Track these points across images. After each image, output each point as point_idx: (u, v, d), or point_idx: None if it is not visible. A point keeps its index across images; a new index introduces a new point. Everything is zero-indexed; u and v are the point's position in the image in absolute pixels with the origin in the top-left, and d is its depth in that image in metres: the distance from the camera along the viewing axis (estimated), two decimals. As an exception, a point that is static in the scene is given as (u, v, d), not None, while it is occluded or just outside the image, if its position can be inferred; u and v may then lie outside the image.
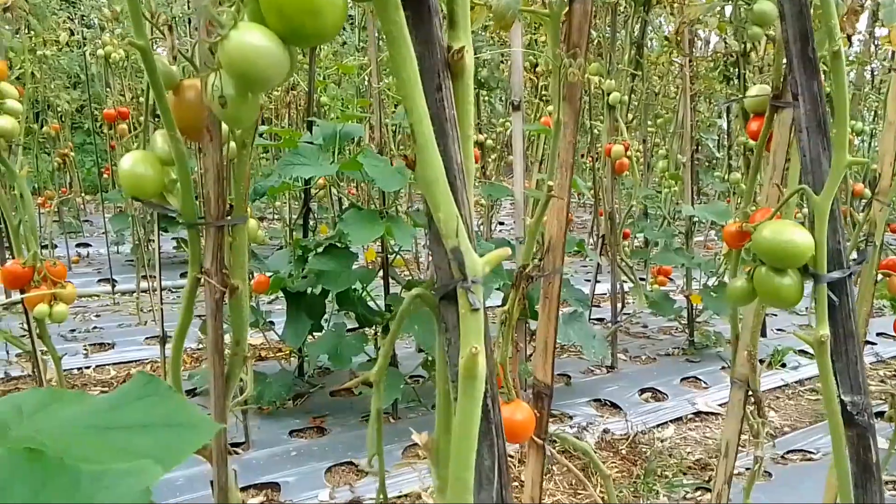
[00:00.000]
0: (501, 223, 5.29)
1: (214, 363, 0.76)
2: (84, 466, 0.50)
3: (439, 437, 0.51)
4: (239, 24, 0.40)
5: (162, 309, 2.00)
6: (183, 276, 3.75)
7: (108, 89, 2.95)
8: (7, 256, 1.68)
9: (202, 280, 0.75)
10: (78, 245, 4.38)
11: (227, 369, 0.77)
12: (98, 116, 3.76)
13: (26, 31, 2.63)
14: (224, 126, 0.71)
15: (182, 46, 0.69)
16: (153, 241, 2.54)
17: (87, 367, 2.49)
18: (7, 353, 2.38)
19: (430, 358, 2.15)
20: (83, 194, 5.50)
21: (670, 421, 2.10)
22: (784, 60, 0.68)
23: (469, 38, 0.48)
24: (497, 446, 0.48)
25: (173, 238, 4.27)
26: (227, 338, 0.76)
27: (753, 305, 0.90)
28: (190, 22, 1.80)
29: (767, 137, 0.85)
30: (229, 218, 0.72)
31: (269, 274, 2.05)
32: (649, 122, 3.59)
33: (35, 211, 1.79)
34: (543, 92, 2.71)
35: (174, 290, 3.48)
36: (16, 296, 1.40)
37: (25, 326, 1.49)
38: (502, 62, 2.21)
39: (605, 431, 2.01)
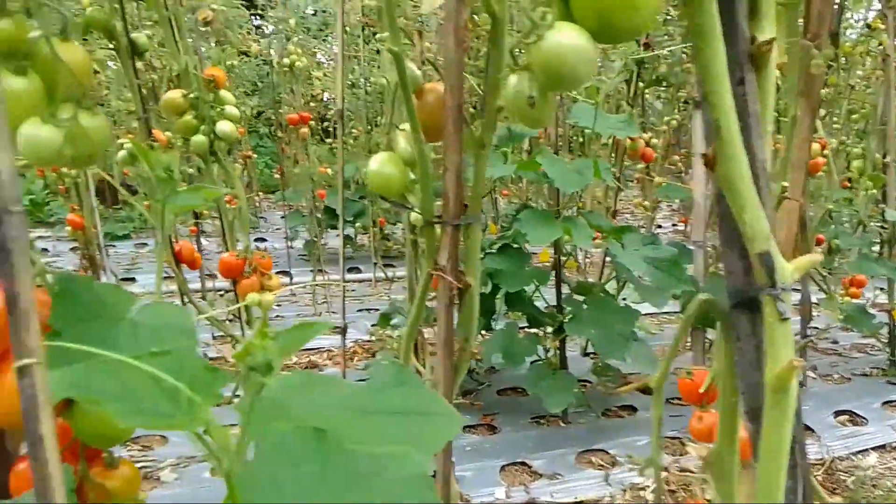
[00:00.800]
0: (659, 226, 5.07)
1: (443, 357, 0.78)
2: (359, 448, 0.53)
3: (722, 451, 0.48)
4: (555, 24, 0.39)
5: (344, 301, 2.11)
6: (350, 270, 3.97)
7: (289, 95, 3.18)
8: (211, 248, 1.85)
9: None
10: (256, 240, 4.76)
11: (455, 364, 0.78)
12: (274, 121, 4.08)
13: (219, 43, 2.90)
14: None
15: (422, 52, 0.72)
16: (334, 236, 2.69)
17: (272, 353, 2.68)
18: (212, 336, 2.62)
19: (599, 363, 2.10)
20: (259, 193, 5.97)
21: (872, 448, 1.90)
22: None
23: (774, 29, 0.44)
24: (800, 466, 0.44)
25: (336, 235, 4.53)
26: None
27: None
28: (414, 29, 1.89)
29: None
30: (465, 216, 0.73)
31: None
32: (835, 119, 3.28)
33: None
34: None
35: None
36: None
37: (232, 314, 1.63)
38: (684, 54, 2.11)
39: (795, 454, 1.85)
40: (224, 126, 1.46)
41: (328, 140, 4.18)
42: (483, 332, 2.11)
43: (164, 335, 0.58)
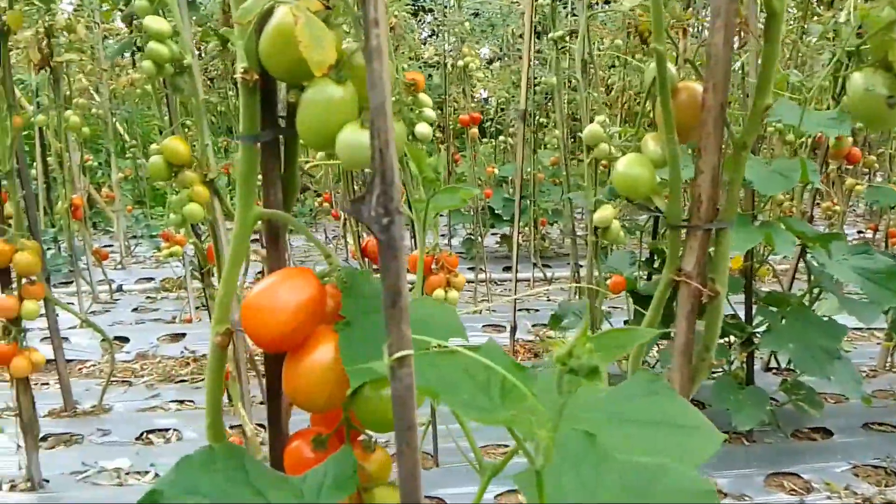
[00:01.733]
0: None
1: (681, 366, 0.75)
2: (623, 456, 0.51)
3: None
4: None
5: (515, 301, 2.13)
6: (505, 269, 4.00)
7: (456, 97, 3.26)
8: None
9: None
10: (413, 236, 4.94)
11: (692, 373, 0.76)
12: (435, 122, 4.19)
13: (396, 49, 3.02)
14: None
15: (678, 51, 0.69)
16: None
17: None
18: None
19: (789, 380, 1.95)
20: (415, 191, 6.18)
21: None
22: None
23: None
24: None
25: (492, 234, 4.57)
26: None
27: None
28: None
29: None
30: (717, 220, 0.70)
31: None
32: None
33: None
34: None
35: (499, 282, 3.72)
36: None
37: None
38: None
39: None
40: (422, 128, 1.52)
41: (485, 140, 4.23)
42: (661, 340, 2.03)
43: (437, 329, 0.61)
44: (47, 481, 1.70)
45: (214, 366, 0.57)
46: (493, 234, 4.52)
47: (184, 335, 2.85)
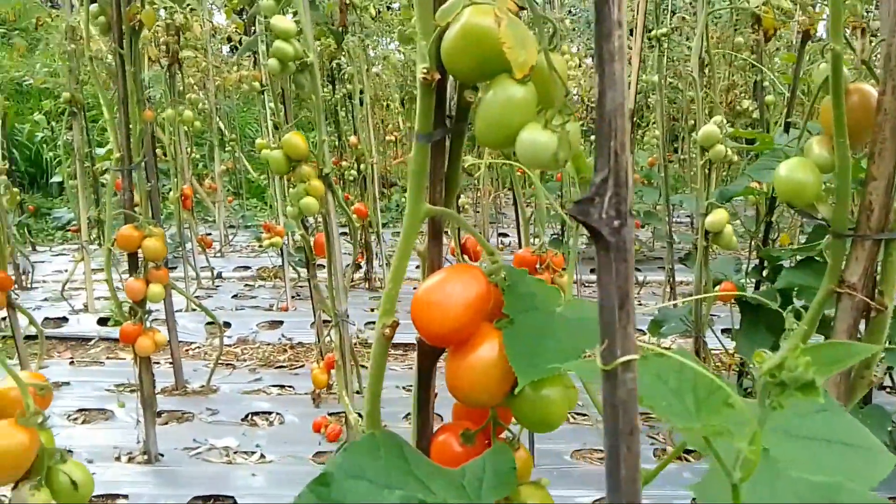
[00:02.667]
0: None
1: (838, 381, 0.71)
2: (797, 474, 0.49)
3: None
4: None
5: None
6: (593, 271, 3.92)
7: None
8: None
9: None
10: (499, 234, 4.93)
11: (850, 389, 0.72)
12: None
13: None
14: None
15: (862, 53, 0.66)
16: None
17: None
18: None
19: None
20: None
21: None
22: None
23: None
24: None
25: (580, 235, 4.51)
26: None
27: None
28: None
29: None
30: (889, 231, 0.66)
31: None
32: None
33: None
34: None
35: (587, 283, 3.66)
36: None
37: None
38: None
39: None
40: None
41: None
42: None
43: (593, 332, 0.60)
44: (162, 455, 1.80)
45: (379, 356, 0.59)
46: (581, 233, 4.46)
47: (281, 323, 2.96)
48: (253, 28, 1.98)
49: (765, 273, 1.99)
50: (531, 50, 0.43)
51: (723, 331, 2.42)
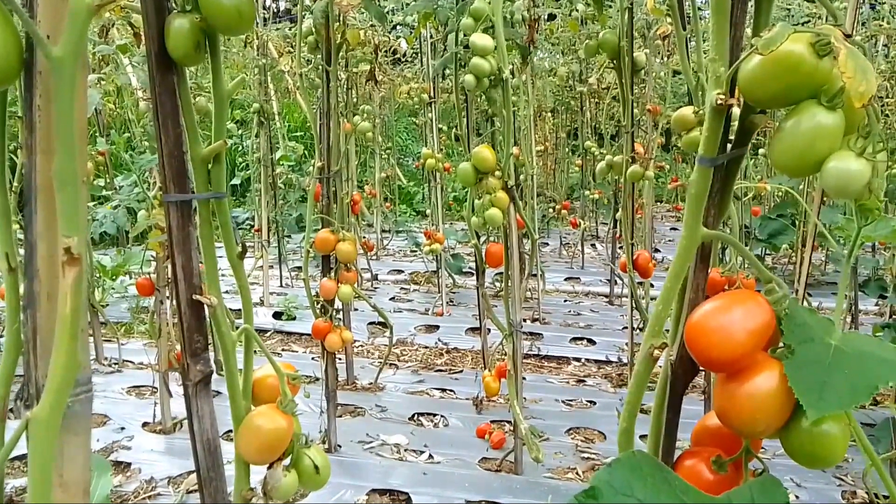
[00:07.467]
0: None
1: None
2: None
3: None
4: None
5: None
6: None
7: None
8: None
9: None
10: (653, 250, 4.78)
11: None
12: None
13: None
14: None
15: None
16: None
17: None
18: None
19: None
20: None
21: None
22: None
23: None
24: None
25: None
26: None
27: None
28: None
29: None
30: None
31: None
32: None
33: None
34: None
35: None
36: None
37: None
38: None
39: None
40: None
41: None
42: None
43: (873, 367, 0.57)
44: (340, 446, 1.92)
45: (642, 374, 0.59)
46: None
47: (437, 327, 3.05)
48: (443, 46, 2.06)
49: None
50: (871, 79, 0.42)
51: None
